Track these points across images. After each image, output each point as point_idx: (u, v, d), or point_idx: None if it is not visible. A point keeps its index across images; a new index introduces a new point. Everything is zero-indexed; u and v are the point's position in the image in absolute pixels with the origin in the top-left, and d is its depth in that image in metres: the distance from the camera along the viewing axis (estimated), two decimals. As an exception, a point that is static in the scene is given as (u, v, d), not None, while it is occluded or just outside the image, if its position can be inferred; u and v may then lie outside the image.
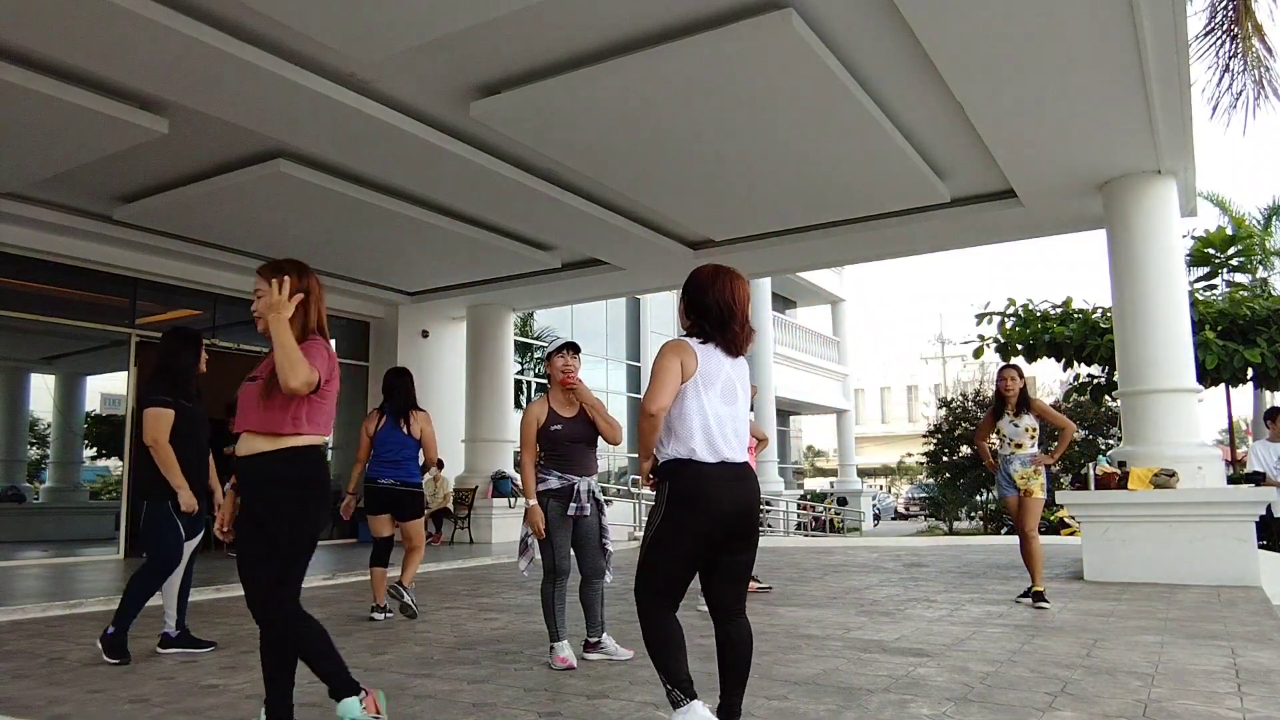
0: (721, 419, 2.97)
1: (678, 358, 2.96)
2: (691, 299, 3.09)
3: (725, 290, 3.04)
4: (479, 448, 13.49)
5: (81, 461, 12.40)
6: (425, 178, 8.23)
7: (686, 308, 3.12)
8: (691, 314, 3.09)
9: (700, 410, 2.93)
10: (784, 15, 5.44)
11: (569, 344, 4.61)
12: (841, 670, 4.13)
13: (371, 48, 5.72)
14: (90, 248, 9.79)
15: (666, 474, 2.94)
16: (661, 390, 2.91)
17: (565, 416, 4.52)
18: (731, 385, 3.04)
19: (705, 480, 2.89)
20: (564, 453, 4.50)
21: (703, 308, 3.05)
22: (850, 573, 8.41)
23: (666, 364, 2.94)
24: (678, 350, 2.98)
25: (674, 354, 2.96)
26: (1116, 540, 7.30)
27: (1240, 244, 12.82)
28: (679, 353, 2.97)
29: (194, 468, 4.86)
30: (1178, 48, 6.00)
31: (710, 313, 3.03)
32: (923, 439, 22.10)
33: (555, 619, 4.42)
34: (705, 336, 3.04)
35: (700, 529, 2.88)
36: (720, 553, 2.93)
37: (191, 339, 4.95)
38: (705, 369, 2.98)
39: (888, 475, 45.70)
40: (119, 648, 4.61)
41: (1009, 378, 6.43)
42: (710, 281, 3.06)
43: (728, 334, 3.03)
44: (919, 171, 7.98)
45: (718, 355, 3.03)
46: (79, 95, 6.28)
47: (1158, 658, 4.31)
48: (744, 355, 3.13)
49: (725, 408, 3.00)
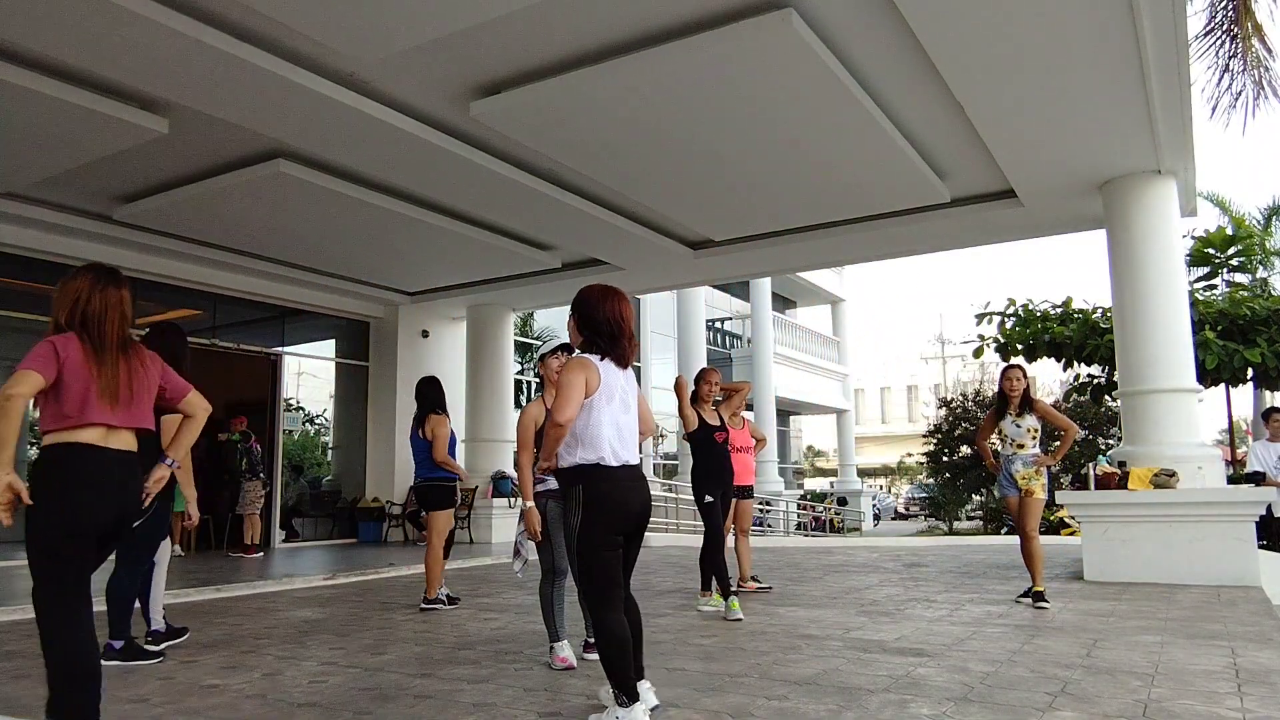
0: (621, 427, 3.37)
1: (583, 374, 3.30)
2: (583, 316, 3.42)
3: (614, 308, 3.40)
4: (479, 448, 13.50)
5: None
6: (425, 178, 8.23)
7: (579, 324, 3.43)
8: (584, 330, 3.41)
9: (609, 421, 3.32)
10: (784, 15, 5.44)
11: (563, 345, 4.64)
12: (841, 670, 4.14)
13: (371, 48, 5.72)
14: (90, 248, 9.78)
15: (579, 478, 3.29)
16: (570, 403, 3.25)
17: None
18: (626, 395, 3.44)
19: (615, 482, 3.30)
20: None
21: (594, 324, 3.39)
22: (850, 573, 8.41)
23: (574, 379, 3.28)
24: (583, 367, 3.32)
25: (580, 370, 3.30)
26: (1116, 540, 7.30)
27: (1240, 244, 12.82)
28: (584, 370, 3.32)
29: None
30: (1178, 48, 6.00)
31: (602, 329, 3.38)
32: (923, 439, 22.12)
33: (554, 619, 4.42)
34: (601, 352, 3.38)
35: (614, 525, 3.28)
36: (625, 545, 3.34)
37: (180, 333, 4.99)
38: (606, 382, 3.35)
39: (888, 475, 45.73)
40: (137, 649, 4.62)
41: (1013, 378, 6.42)
42: (601, 300, 3.40)
43: (618, 349, 3.40)
44: (919, 171, 7.98)
45: (613, 369, 3.39)
46: (79, 95, 6.27)
47: (1158, 658, 4.31)
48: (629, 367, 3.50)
49: (624, 416, 3.40)
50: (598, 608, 3.24)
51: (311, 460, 15.48)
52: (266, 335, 12.70)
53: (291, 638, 5.33)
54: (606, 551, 3.26)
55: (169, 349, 4.85)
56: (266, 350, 12.65)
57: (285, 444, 13.19)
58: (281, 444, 12.81)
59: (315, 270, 11.51)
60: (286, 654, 4.80)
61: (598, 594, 3.25)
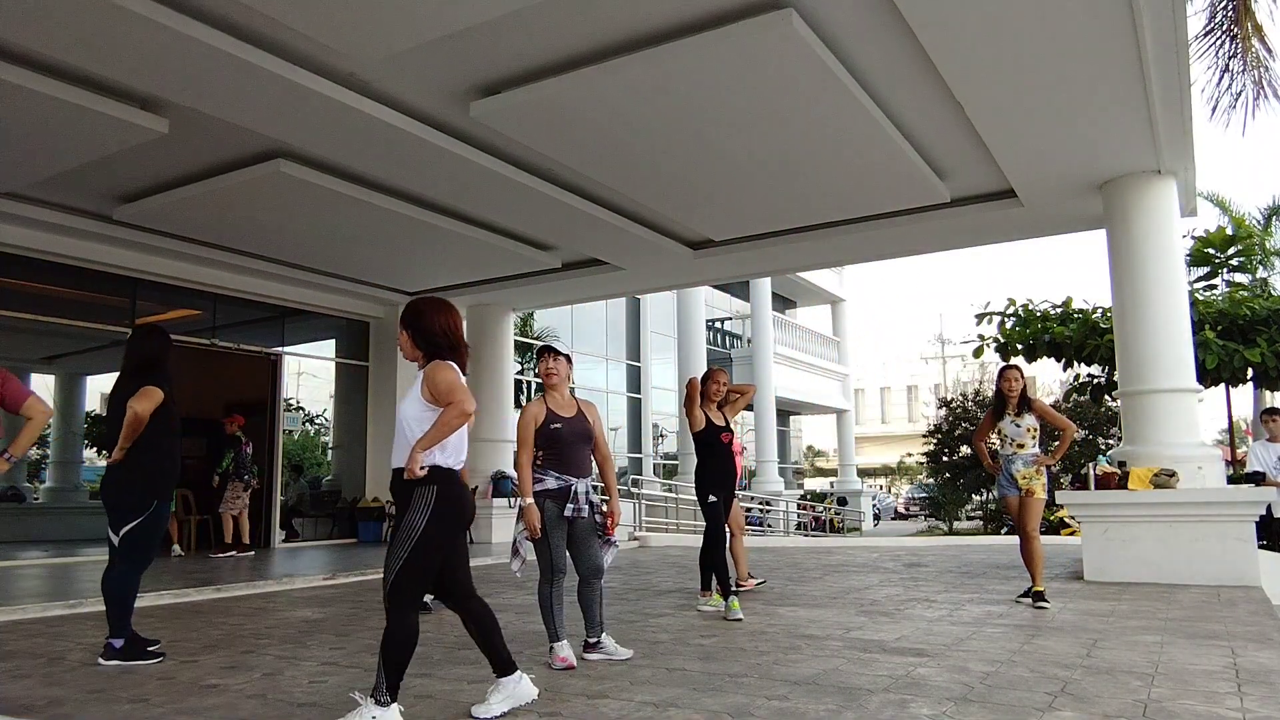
0: (463, 434, 3.42)
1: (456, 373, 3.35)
2: (418, 328, 3.42)
3: (448, 319, 3.44)
4: (479, 448, 13.47)
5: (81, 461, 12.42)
6: (425, 178, 8.22)
7: (414, 338, 3.42)
8: (421, 342, 3.41)
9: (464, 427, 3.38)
10: (784, 15, 5.44)
11: (547, 348, 4.69)
12: (841, 670, 4.14)
13: (371, 48, 5.72)
14: (90, 248, 9.78)
15: (435, 480, 3.30)
16: (469, 393, 3.31)
17: (564, 416, 4.53)
18: None
19: (462, 486, 3.42)
20: (563, 452, 4.50)
21: (430, 335, 3.39)
22: (850, 573, 8.41)
23: (456, 376, 3.33)
24: (451, 368, 3.36)
25: (453, 370, 3.35)
26: (1116, 540, 7.30)
27: (1240, 244, 12.80)
28: (454, 369, 3.37)
29: (171, 459, 4.86)
30: (1178, 48, 6.00)
31: (440, 341, 3.40)
32: (923, 439, 22.12)
33: (554, 619, 4.42)
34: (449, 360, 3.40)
35: (457, 528, 3.41)
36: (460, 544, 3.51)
37: (159, 335, 5.02)
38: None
39: (888, 475, 45.74)
40: (138, 649, 4.61)
41: (1011, 378, 6.43)
42: (434, 313, 3.42)
43: (459, 357, 3.44)
44: (919, 171, 7.98)
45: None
46: (79, 95, 6.27)
47: (1158, 658, 4.31)
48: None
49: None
50: (407, 606, 3.27)
51: (311, 460, 15.50)
52: (266, 335, 12.70)
53: (291, 638, 5.33)
54: (440, 553, 3.33)
55: (143, 351, 4.90)
56: (266, 350, 12.65)
57: (285, 444, 13.19)
58: (281, 444, 12.81)
59: (315, 270, 11.51)
60: (286, 654, 4.80)
61: (415, 593, 3.31)
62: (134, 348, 4.95)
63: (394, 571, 3.26)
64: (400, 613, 3.26)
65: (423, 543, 3.27)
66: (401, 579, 3.25)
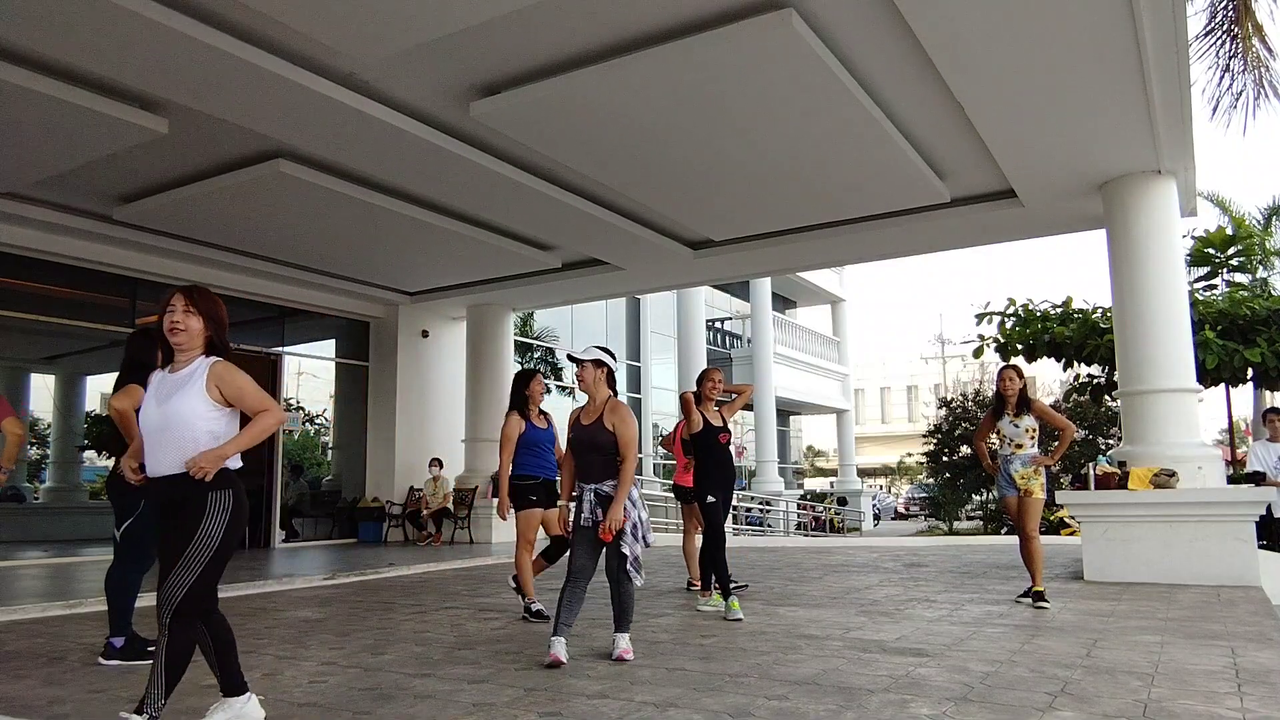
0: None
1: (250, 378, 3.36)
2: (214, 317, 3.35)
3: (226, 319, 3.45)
4: (479, 448, 13.49)
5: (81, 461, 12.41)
6: (425, 178, 8.22)
7: (207, 325, 3.35)
8: (213, 332, 3.36)
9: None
10: (784, 15, 5.44)
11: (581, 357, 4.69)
12: (841, 670, 4.14)
13: (371, 48, 5.72)
14: (90, 248, 9.78)
15: (227, 484, 3.22)
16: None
17: (584, 424, 4.58)
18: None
19: (242, 490, 3.32)
20: (577, 460, 4.59)
21: (222, 329, 3.39)
22: (850, 573, 8.41)
23: (254, 382, 3.34)
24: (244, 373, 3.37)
25: (247, 375, 3.36)
26: (1116, 540, 7.30)
27: (1240, 244, 12.80)
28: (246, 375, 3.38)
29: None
30: (1178, 48, 6.00)
31: (226, 337, 3.40)
32: (923, 439, 22.11)
33: (559, 614, 4.45)
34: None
35: (241, 533, 3.33)
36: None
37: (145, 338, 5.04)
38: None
39: (888, 475, 45.73)
40: (139, 648, 4.61)
41: (1009, 378, 6.43)
42: (222, 306, 3.42)
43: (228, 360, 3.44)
44: (919, 171, 7.98)
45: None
46: (79, 95, 6.27)
47: (1158, 658, 4.31)
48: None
49: None
50: (201, 616, 3.17)
51: (311, 460, 15.49)
52: (266, 335, 12.71)
53: (291, 638, 5.33)
54: (228, 560, 3.23)
55: (130, 353, 4.98)
56: (266, 350, 12.66)
57: (285, 444, 13.20)
58: (281, 444, 12.82)
59: (315, 270, 11.51)
60: (286, 654, 4.80)
61: (209, 601, 3.18)
62: (126, 351, 5.03)
63: (187, 584, 3.09)
64: (189, 623, 3.14)
65: (222, 550, 3.17)
66: (198, 589, 3.11)
